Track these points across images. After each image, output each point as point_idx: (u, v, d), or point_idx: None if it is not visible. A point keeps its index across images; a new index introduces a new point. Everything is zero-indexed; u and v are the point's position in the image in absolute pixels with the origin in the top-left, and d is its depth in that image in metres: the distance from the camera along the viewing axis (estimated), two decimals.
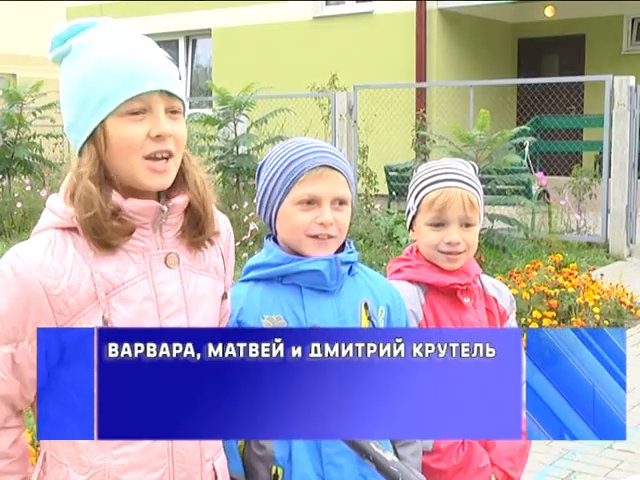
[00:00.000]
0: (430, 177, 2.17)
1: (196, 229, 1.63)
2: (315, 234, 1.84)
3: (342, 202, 1.87)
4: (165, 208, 1.58)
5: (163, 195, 1.61)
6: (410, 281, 2.16)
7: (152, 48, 1.59)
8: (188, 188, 1.62)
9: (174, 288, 1.59)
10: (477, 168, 2.26)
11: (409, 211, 2.22)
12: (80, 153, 1.58)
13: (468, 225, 2.15)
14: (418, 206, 2.17)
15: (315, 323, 1.80)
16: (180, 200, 1.60)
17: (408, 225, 2.24)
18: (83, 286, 1.51)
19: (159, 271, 1.58)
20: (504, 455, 2.14)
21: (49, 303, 1.50)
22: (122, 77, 1.51)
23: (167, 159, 1.55)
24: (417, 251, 2.23)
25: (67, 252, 1.53)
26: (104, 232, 1.52)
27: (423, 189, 2.17)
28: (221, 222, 1.74)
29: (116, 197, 1.54)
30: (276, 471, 1.79)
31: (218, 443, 1.72)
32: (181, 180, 1.62)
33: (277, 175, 1.86)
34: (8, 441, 1.57)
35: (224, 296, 1.73)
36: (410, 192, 2.22)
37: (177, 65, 1.60)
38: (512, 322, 2.30)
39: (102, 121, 1.52)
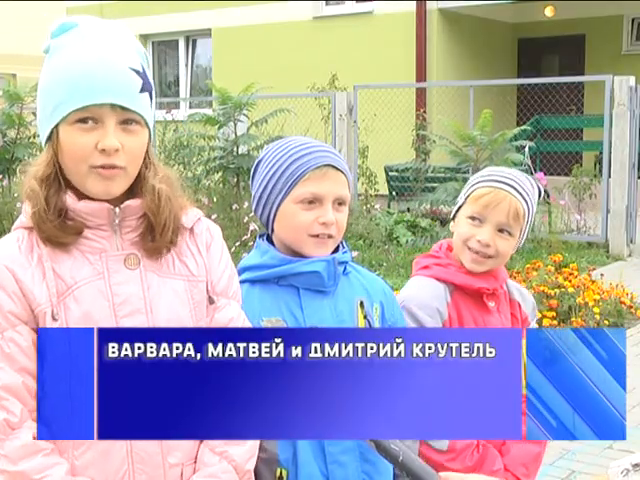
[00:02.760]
0: (488, 176, 2.17)
1: (150, 235, 1.64)
2: (316, 233, 1.83)
3: (342, 203, 1.87)
4: (117, 210, 1.60)
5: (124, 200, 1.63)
6: (437, 279, 2.16)
7: (118, 57, 1.57)
8: (143, 195, 1.63)
9: (133, 289, 1.60)
10: (542, 191, 2.23)
11: (458, 203, 2.22)
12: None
13: (504, 232, 2.12)
14: (467, 198, 2.17)
15: (314, 324, 1.80)
16: (136, 202, 1.62)
17: (452, 216, 2.25)
18: (42, 282, 1.56)
19: (117, 272, 1.60)
20: (519, 461, 2.13)
21: (19, 288, 1.55)
22: (71, 87, 1.55)
23: (115, 168, 1.57)
24: (447, 249, 2.23)
25: (33, 250, 1.59)
26: (46, 229, 1.58)
27: (477, 183, 2.17)
28: (204, 225, 1.73)
29: (69, 197, 1.59)
30: (280, 473, 1.78)
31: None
32: (140, 187, 1.64)
33: (279, 173, 1.85)
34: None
35: (211, 300, 1.68)
36: (465, 187, 2.22)
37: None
38: None
39: (56, 126, 1.57)
